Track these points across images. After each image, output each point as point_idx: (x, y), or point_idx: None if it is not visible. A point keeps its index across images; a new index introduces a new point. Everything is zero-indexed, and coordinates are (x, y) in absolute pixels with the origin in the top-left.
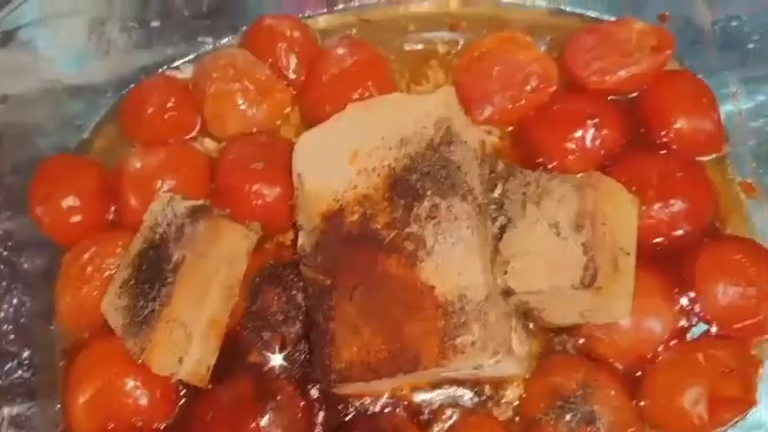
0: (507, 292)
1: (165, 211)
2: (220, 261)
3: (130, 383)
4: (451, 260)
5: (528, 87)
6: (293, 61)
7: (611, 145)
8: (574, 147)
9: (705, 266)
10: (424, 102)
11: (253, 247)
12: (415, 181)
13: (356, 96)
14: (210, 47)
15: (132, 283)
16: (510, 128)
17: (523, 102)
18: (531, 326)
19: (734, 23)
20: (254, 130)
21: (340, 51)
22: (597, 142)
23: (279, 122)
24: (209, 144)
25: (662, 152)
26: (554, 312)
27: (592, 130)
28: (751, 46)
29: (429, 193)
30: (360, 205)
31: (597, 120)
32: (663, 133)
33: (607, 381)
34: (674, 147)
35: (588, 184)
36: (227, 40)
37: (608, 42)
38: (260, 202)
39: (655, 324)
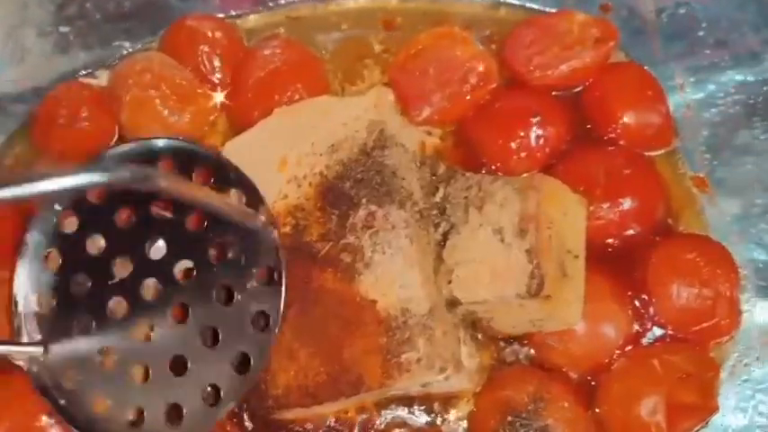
0: (453, 303)
1: None
2: None
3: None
4: (391, 272)
5: (467, 85)
6: (217, 64)
7: (556, 143)
8: (517, 146)
9: (658, 267)
10: (354, 104)
11: None
12: (349, 188)
13: (286, 99)
14: (129, 51)
15: None
16: (451, 128)
17: (463, 100)
18: (480, 336)
19: (682, 11)
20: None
21: (267, 52)
22: (541, 141)
23: (206, 129)
24: None
25: (609, 148)
26: (503, 322)
27: (535, 129)
28: (700, 33)
29: (364, 201)
30: (291, 216)
31: (540, 117)
32: (609, 129)
33: (560, 392)
34: (622, 142)
35: (530, 186)
36: (146, 43)
37: (549, 36)
38: None
39: (608, 329)
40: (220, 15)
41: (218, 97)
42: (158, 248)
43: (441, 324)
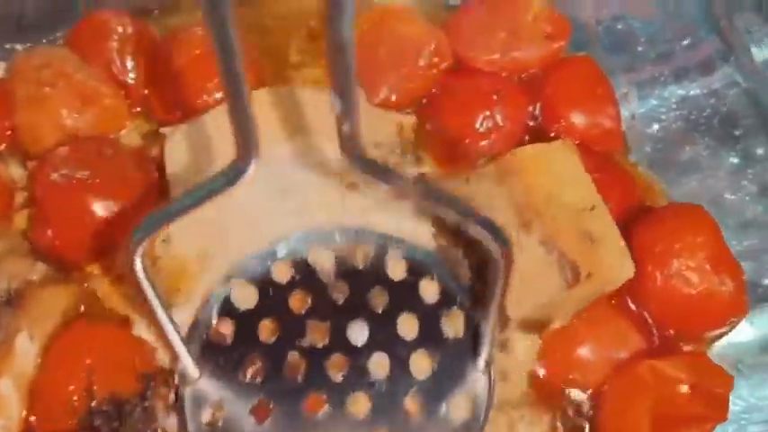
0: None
1: None
2: None
3: None
4: None
5: (421, 64)
6: (129, 62)
7: (521, 119)
8: (482, 127)
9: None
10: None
11: None
12: None
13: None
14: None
15: None
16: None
17: (420, 79)
18: None
19: (619, 26)
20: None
21: (186, 41)
22: (505, 119)
23: (122, 132)
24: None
25: None
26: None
27: (498, 107)
28: (640, 48)
29: None
30: None
31: (499, 96)
32: (554, 126)
33: None
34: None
35: (507, 171)
36: (51, 40)
37: (498, 20)
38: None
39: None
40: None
41: (131, 95)
42: (361, 330)
43: None
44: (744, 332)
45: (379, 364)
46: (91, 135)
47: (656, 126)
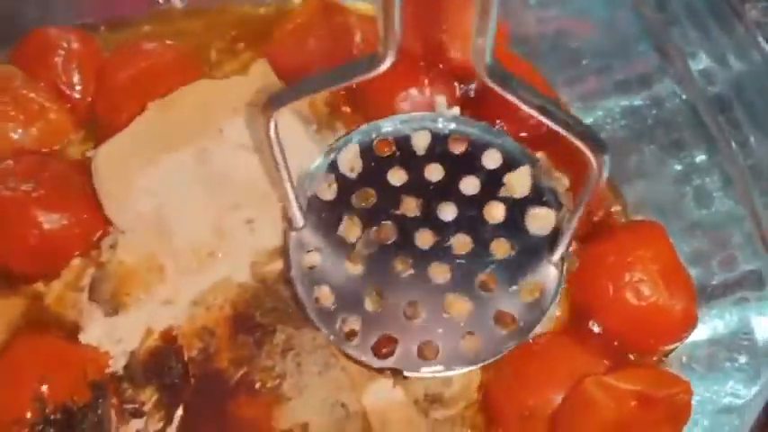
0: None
1: None
2: None
3: None
4: (324, 392)
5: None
6: (75, 77)
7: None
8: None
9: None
10: (238, 84)
11: None
12: (260, 317)
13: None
14: None
15: None
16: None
17: None
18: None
19: (562, 41)
20: None
21: (130, 53)
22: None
23: (58, 147)
24: None
25: None
26: None
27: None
28: (584, 62)
29: (279, 326)
30: (199, 339)
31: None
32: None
33: None
34: None
35: None
36: None
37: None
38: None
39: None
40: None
41: (77, 109)
42: (450, 210)
43: None
44: (695, 331)
45: (462, 242)
46: (36, 149)
47: (603, 135)
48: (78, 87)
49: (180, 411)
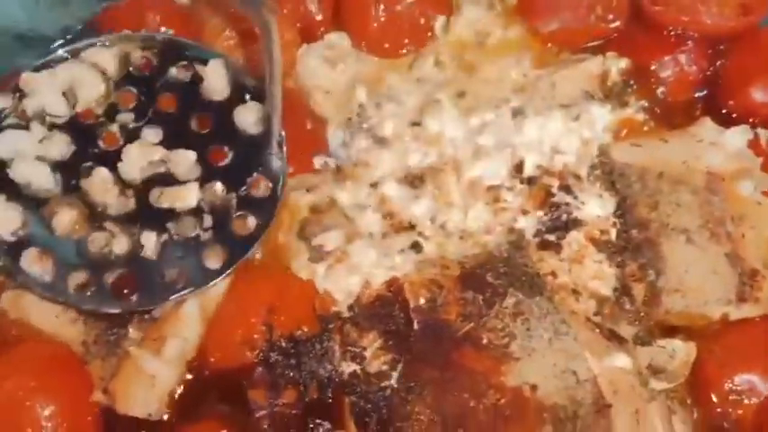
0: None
1: None
2: None
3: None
4: (554, 358)
5: (593, 15)
6: None
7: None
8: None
9: None
10: None
11: None
12: (493, 278)
13: None
14: None
15: None
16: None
17: (589, 27)
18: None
19: None
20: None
21: None
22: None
23: None
24: None
25: None
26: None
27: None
28: None
29: (510, 290)
30: (426, 290)
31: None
32: (730, 102)
33: None
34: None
35: (708, 188)
36: None
37: None
38: None
39: None
40: None
41: None
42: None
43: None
44: None
45: (178, 161)
46: None
47: None
48: None
49: (403, 356)
